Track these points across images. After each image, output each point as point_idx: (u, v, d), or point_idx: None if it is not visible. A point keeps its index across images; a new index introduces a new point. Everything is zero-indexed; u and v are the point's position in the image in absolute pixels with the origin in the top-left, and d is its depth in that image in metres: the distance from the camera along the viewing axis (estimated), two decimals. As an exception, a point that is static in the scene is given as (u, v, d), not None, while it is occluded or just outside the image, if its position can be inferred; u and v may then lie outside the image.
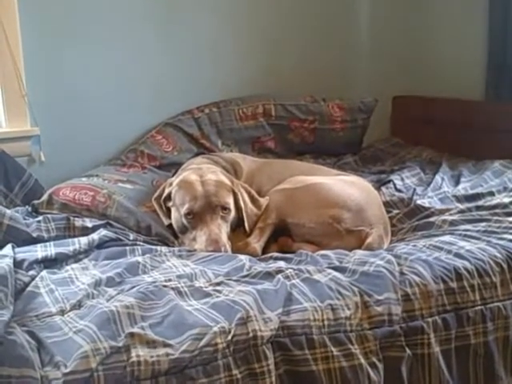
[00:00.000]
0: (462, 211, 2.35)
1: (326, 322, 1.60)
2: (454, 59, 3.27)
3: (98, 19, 2.85)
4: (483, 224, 2.18)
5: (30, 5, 2.65)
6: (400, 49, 3.53)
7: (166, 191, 2.25)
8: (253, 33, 3.25)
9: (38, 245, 1.98)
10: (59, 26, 2.76)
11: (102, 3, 2.85)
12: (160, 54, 3.03)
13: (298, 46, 3.39)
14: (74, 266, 1.88)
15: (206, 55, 3.14)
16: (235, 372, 1.47)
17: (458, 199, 2.47)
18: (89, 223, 2.17)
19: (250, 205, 2.23)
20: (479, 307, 1.80)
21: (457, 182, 2.70)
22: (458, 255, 1.90)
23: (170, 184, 2.26)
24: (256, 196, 2.28)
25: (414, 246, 2.02)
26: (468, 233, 2.10)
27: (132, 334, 1.43)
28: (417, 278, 1.77)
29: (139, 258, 1.89)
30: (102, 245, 2.04)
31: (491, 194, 2.47)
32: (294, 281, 1.72)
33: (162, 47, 3.03)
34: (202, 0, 3.10)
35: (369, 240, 2.09)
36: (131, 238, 2.14)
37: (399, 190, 2.63)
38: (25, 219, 2.16)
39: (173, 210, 2.22)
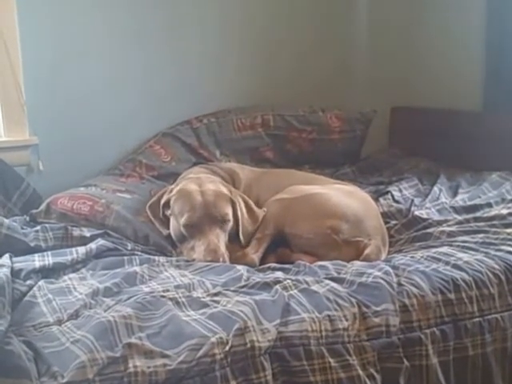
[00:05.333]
0: (459, 222, 2.35)
1: (323, 333, 1.60)
2: (452, 70, 3.28)
3: (97, 29, 2.85)
4: (481, 235, 2.18)
5: (30, 14, 2.66)
6: (398, 60, 3.54)
7: (165, 197, 2.25)
8: (252, 45, 3.26)
9: (36, 254, 1.99)
10: (59, 36, 2.77)
11: (103, 14, 2.86)
12: (160, 64, 3.03)
13: (296, 57, 3.39)
14: (72, 275, 1.89)
15: (205, 66, 3.14)
16: (233, 383, 1.46)
17: (456, 210, 2.47)
18: (87, 233, 2.18)
19: (246, 216, 2.23)
20: (477, 319, 1.80)
21: (455, 193, 2.70)
22: (455, 266, 1.90)
23: (170, 191, 2.26)
24: (253, 207, 2.28)
25: (412, 257, 2.02)
26: (466, 244, 2.10)
27: (129, 345, 1.42)
28: (415, 289, 1.77)
29: (137, 268, 1.89)
30: (99, 254, 2.04)
31: (489, 205, 2.47)
32: (291, 291, 1.72)
33: (162, 58, 3.03)
34: (203, 13, 3.10)
35: (367, 251, 2.09)
36: (129, 247, 2.14)
37: (397, 201, 2.63)
38: (23, 229, 2.16)
39: (171, 219, 2.22)
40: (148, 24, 2.97)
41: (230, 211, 2.18)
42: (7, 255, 1.90)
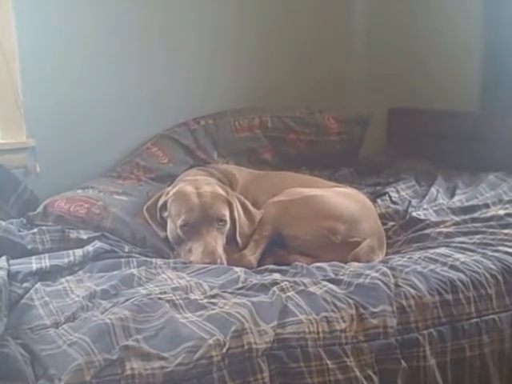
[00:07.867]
0: (457, 223, 2.35)
1: (321, 335, 1.60)
2: (450, 71, 3.28)
3: (94, 32, 2.85)
4: (478, 236, 2.18)
5: (27, 17, 2.66)
6: (396, 60, 3.54)
7: (162, 200, 2.24)
8: (249, 46, 3.26)
9: (33, 257, 1.98)
10: (56, 38, 2.76)
11: (100, 18, 2.85)
12: (157, 66, 3.03)
13: (293, 59, 3.39)
14: (69, 278, 1.88)
15: (202, 68, 3.14)
16: (230, 385, 1.46)
17: (454, 211, 2.47)
18: (84, 235, 2.17)
19: (243, 217, 2.23)
20: (474, 320, 1.80)
21: (452, 194, 2.70)
22: (453, 267, 1.90)
23: (167, 193, 2.26)
24: (250, 208, 2.28)
25: (410, 258, 2.02)
26: (463, 245, 2.10)
27: (126, 347, 1.42)
28: (412, 291, 1.77)
29: (134, 271, 1.89)
30: (96, 257, 2.03)
31: (486, 206, 2.47)
32: (289, 293, 1.72)
33: (158, 60, 3.03)
34: (199, 14, 3.11)
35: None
36: (126, 249, 2.13)
37: (395, 202, 2.62)
38: (20, 231, 2.16)
39: (168, 221, 2.21)
40: (144, 26, 2.97)
41: (227, 213, 2.18)
42: (4, 258, 1.89)
